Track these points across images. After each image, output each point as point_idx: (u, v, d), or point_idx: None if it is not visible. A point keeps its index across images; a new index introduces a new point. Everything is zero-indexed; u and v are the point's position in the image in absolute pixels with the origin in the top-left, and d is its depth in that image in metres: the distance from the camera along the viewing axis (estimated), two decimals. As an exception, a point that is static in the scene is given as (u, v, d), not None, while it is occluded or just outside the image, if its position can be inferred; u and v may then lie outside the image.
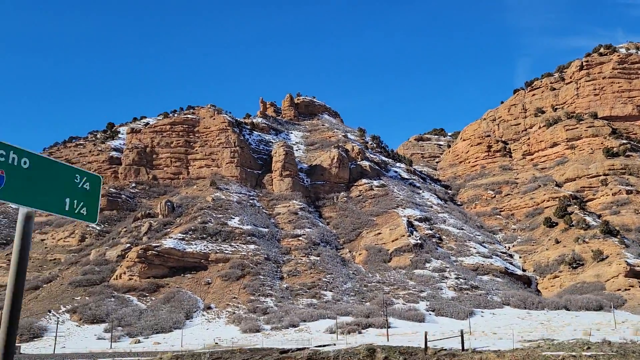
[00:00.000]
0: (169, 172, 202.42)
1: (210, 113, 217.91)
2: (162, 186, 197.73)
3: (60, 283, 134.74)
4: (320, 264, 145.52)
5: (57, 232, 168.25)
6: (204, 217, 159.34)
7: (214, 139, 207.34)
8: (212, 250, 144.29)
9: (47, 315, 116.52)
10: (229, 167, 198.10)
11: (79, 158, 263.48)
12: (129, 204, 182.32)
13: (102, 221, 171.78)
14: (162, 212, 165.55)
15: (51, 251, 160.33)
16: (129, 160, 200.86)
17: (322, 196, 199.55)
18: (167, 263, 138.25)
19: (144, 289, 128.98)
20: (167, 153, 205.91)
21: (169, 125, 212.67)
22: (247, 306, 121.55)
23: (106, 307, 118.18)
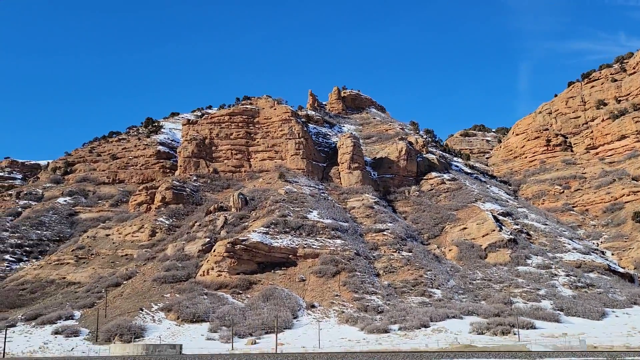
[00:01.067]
0: (230, 164, 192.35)
1: (270, 103, 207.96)
2: (224, 179, 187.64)
3: (143, 280, 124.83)
4: (415, 260, 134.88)
5: (123, 227, 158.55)
6: (282, 210, 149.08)
7: (276, 130, 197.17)
8: (299, 245, 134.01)
9: (139, 313, 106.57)
10: (295, 160, 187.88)
11: (124, 153, 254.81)
12: (194, 198, 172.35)
13: (170, 215, 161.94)
14: (236, 205, 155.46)
15: (120, 246, 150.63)
16: (187, 152, 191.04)
17: (392, 190, 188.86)
18: (255, 258, 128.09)
19: (235, 285, 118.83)
20: (227, 145, 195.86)
21: (228, 116, 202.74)
22: (355, 304, 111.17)
23: (202, 305, 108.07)
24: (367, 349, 79.42)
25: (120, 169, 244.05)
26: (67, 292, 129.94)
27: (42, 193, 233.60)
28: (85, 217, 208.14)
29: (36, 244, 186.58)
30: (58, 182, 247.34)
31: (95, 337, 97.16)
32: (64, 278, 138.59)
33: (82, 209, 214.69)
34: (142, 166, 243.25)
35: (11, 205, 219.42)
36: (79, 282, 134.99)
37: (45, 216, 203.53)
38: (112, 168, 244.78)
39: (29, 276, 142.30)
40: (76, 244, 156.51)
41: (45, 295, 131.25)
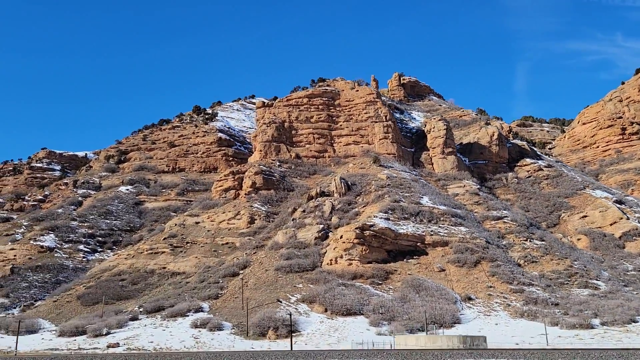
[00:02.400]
0: (312, 149, 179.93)
1: (350, 85, 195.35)
2: (308, 165, 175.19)
3: (263, 269, 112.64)
4: (552, 249, 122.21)
5: (215, 215, 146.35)
6: (392, 195, 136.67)
7: (360, 112, 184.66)
8: (425, 232, 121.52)
9: (279, 305, 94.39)
10: (384, 144, 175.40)
11: (182, 141, 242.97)
12: (284, 183, 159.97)
13: (264, 201, 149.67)
14: (339, 190, 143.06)
15: (217, 234, 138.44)
16: (266, 136, 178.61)
17: (487, 177, 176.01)
18: (384, 246, 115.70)
19: (372, 275, 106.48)
20: (308, 129, 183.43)
21: (306, 98, 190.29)
22: (516, 297, 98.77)
23: (348, 297, 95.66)
24: (597, 347, 66.82)
25: (179, 157, 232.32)
26: (174, 283, 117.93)
27: (99, 182, 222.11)
28: (153, 206, 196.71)
29: (108, 234, 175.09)
30: (113, 170, 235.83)
31: (246, 331, 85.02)
32: (164, 268, 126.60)
33: (146, 198, 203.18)
34: (203, 154, 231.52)
35: (70, 195, 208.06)
36: (183, 272, 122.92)
37: (111, 205, 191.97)
38: (171, 156, 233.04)
39: (122, 266, 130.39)
40: (166, 232, 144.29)
41: (150, 286, 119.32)
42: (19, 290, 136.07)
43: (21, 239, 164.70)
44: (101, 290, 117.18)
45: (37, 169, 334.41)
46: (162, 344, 77.77)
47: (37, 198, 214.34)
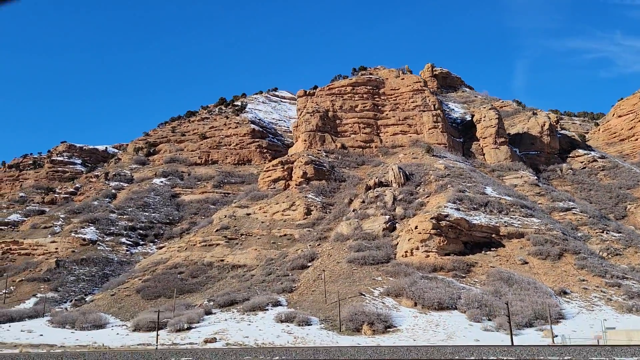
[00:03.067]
0: (358, 139, 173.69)
1: (395, 73, 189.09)
2: (355, 155, 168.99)
3: (334, 261, 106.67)
4: (633, 241, 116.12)
5: (269, 206, 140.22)
6: (456, 185, 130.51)
7: (407, 101, 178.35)
8: (499, 223, 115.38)
9: (364, 299, 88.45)
10: (434, 134, 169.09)
11: (213, 132, 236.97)
12: (335, 173, 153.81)
13: (317, 192, 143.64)
14: (397, 180, 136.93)
15: (273, 226, 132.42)
16: (311, 126, 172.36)
17: (541, 168, 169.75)
18: (460, 237, 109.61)
19: (453, 268, 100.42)
20: (352, 118, 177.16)
21: (350, 86, 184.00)
22: (616, 291, 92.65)
23: (437, 290, 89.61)
24: None
25: (212, 149, 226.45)
26: (237, 276, 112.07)
27: (131, 174, 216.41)
28: (190, 198, 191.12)
29: (148, 227, 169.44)
30: (143, 163, 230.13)
31: (339, 326, 79.06)
32: (222, 260, 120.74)
33: (182, 191, 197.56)
34: (236, 146, 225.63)
35: (102, 187, 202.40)
36: (244, 264, 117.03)
37: (148, 197, 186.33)
38: (203, 148, 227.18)
39: (177, 259, 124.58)
40: (217, 224, 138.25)
41: (212, 279, 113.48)
42: (67, 284, 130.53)
43: (61, 232, 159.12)
44: (161, 284, 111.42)
45: (58, 162, 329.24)
46: (259, 339, 71.83)
47: (69, 191, 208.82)
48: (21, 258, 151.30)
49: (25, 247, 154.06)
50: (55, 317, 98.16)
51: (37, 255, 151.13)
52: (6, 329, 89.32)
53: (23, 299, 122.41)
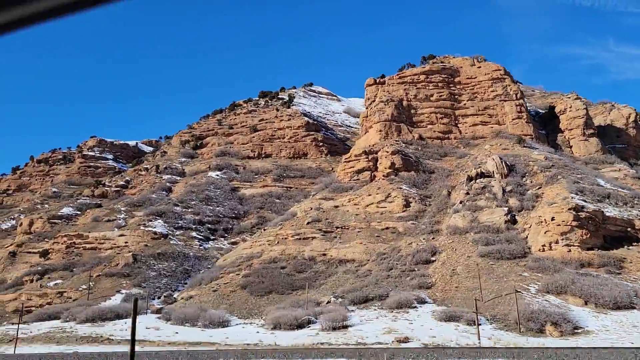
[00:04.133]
0: (436, 130, 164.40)
1: (469, 61, 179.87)
2: (435, 146, 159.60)
3: (462, 255, 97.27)
4: None
5: (360, 198, 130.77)
6: (566, 177, 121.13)
7: (486, 90, 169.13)
8: (631, 216, 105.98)
9: (523, 296, 78.96)
10: (518, 124, 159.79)
11: (264, 125, 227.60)
12: (421, 165, 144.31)
13: (410, 183, 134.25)
14: (500, 171, 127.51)
15: (371, 219, 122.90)
16: (385, 116, 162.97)
17: (631, 161, 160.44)
18: (599, 230, 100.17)
19: (602, 263, 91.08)
20: (429, 108, 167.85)
21: (424, 75, 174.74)
22: None
23: (606, 287, 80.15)
24: None
25: (265, 142, 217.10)
26: (350, 271, 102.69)
27: (181, 168, 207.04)
28: (251, 192, 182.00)
29: (216, 221, 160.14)
30: (192, 156, 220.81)
31: (517, 326, 69.57)
32: (324, 254, 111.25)
33: (240, 184, 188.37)
34: (290, 139, 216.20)
35: (155, 180, 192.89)
36: (352, 259, 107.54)
37: (208, 191, 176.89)
38: (255, 141, 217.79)
39: (272, 253, 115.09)
40: (306, 217, 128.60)
41: (321, 274, 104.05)
42: (149, 279, 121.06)
43: (127, 225, 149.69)
44: (268, 279, 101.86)
45: (89, 157, 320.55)
46: (449, 339, 62.30)
47: (119, 184, 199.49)
48: (87, 252, 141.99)
49: (90, 241, 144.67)
50: (166, 314, 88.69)
51: (104, 249, 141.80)
52: (124, 327, 79.78)
53: (107, 295, 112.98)
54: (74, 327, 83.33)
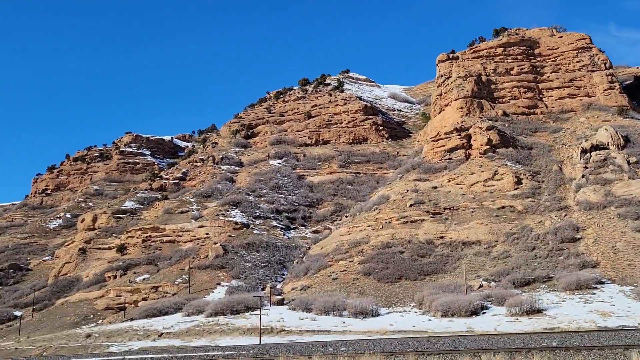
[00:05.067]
0: (520, 105, 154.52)
1: (548, 32, 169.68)
2: (520, 122, 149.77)
3: (617, 230, 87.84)
4: None
5: (462, 177, 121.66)
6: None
7: (570, 61, 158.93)
8: None
9: None
10: (611, 95, 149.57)
11: (318, 111, 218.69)
12: (517, 141, 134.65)
13: (513, 160, 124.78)
14: (616, 142, 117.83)
15: (482, 198, 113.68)
16: (465, 92, 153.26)
17: None
18: None
19: None
20: (510, 82, 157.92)
21: (501, 48, 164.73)
22: None
23: None
24: None
25: (321, 128, 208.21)
26: (482, 253, 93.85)
27: (238, 157, 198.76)
28: (318, 179, 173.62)
29: (292, 210, 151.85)
30: (245, 146, 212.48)
31: None
32: (441, 237, 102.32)
33: (304, 172, 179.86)
34: (348, 124, 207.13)
35: (215, 171, 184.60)
36: (476, 240, 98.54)
37: (276, 179, 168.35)
38: (311, 128, 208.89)
39: (381, 238, 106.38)
40: (408, 200, 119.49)
41: (448, 257, 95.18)
42: (246, 270, 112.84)
43: (204, 216, 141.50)
44: (393, 265, 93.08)
45: (127, 154, 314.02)
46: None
47: (177, 176, 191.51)
48: (165, 246, 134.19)
49: (168, 234, 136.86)
50: (301, 304, 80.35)
51: (183, 242, 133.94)
52: (263, 318, 71.32)
53: (208, 288, 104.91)
54: (210, 320, 75.05)
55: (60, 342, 76.43)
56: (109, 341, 69.30)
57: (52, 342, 75.16)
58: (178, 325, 72.58)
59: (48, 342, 75.73)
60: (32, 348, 73.15)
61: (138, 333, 73.33)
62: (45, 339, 79.53)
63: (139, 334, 73.36)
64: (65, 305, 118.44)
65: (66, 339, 79.90)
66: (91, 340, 73.61)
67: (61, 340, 78.23)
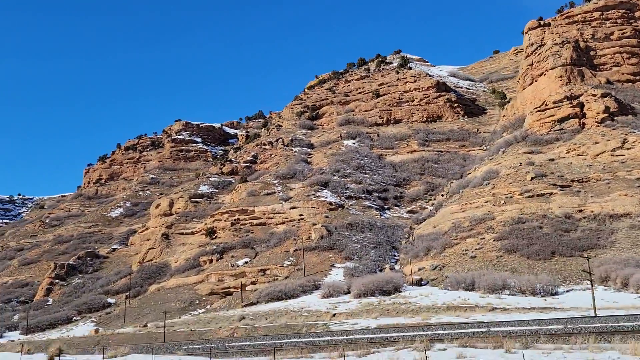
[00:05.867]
0: (624, 72, 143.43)
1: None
2: (629, 90, 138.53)
3: None
4: None
5: (586, 147, 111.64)
6: None
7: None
8: None
9: None
10: None
11: (387, 89, 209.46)
12: (632, 108, 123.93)
13: (635, 126, 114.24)
14: None
15: (613, 169, 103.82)
16: (563, 60, 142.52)
17: None
18: None
19: None
20: (611, 48, 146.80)
21: (597, 12, 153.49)
22: None
23: None
24: None
25: (392, 106, 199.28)
26: (636, 226, 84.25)
27: (307, 140, 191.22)
28: (399, 159, 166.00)
29: (382, 189, 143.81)
30: (311, 128, 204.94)
31: None
32: (580, 211, 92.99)
33: (382, 151, 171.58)
34: (421, 102, 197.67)
35: (287, 153, 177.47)
36: (625, 212, 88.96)
37: (357, 159, 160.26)
38: (381, 107, 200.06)
39: (509, 214, 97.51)
40: (527, 173, 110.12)
41: (598, 232, 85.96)
42: (356, 252, 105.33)
43: (292, 198, 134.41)
44: (536, 242, 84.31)
45: (179, 141, 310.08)
46: None
47: (247, 159, 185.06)
48: (256, 228, 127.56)
49: (257, 216, 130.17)
50: (440, 283, 72.47)
51: (274, 224, 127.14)
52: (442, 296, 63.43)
53: (322, 270, 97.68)
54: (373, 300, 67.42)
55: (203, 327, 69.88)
56: (295, 321, 60.69)
57: (194, 326, 68.71)
58: (346, 305, 65.02)
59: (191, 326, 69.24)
60: (185, 331, 66.94)
61: (313, 314, 65.20)
62: (188, 323, 73.03)
63: (315, 315, 65.15)
64: (162, 291, 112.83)
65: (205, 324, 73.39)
66: (270, 320, 64.42)
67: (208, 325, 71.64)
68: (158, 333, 69.98)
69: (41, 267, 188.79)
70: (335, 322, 46.90)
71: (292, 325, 46.79)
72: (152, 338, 68.22)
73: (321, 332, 43.47)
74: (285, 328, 45.68)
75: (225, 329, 48.29)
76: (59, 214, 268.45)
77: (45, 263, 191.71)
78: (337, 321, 48.10)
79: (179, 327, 71.34)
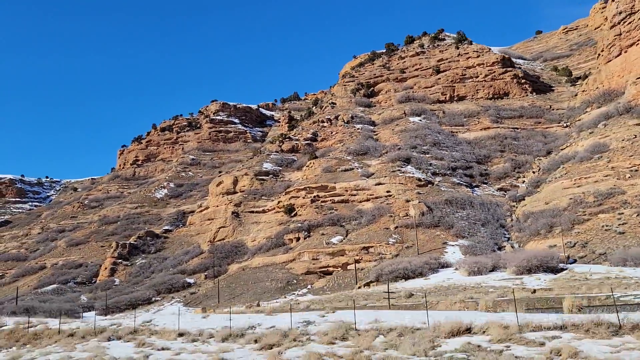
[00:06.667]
0: None
1: None
2: None
3: None
4: None
5: None
6: None
7: None
8: None
9: None
10: None
11: (448, 65, 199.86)
12: None
13: None
14: None
15: None
16: None
17: None
18: None
19: None
20: None
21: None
22: None
23: None
24: None
25: (455, 83, 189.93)
26: None
27: (367, 117, 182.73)
28: (472, 136, 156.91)
29: (465, 166, 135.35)
30: (368, 105, 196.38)
31: None
32: None
33: (451, 128, 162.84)
34: (486, 77, 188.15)
35: (351, 130, 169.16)
36: None
37: (431, 136, 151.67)
38: (443, 83, 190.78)
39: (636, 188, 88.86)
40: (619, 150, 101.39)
41: None
42: (467, 229, 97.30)
43: (375, 174, 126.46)
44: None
45: (217, 122, 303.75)
46: None
47: (307, 137, 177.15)
48: (340, 205, 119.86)
49: (339, 193, 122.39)
50: (609, 258, 64.21)
51: (358, 200, 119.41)
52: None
53: (436, 248, 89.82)
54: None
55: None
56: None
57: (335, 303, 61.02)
58: (544, 282, 57.16)
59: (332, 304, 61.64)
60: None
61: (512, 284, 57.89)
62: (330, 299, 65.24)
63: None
64: (249, 270, 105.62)
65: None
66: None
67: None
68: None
69: (91, 248, 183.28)
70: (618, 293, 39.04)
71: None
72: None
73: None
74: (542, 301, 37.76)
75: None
76: (97, 195, 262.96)
77: (94, 244, 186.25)
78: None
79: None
